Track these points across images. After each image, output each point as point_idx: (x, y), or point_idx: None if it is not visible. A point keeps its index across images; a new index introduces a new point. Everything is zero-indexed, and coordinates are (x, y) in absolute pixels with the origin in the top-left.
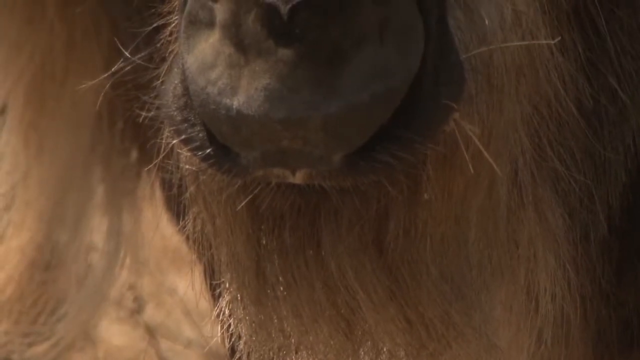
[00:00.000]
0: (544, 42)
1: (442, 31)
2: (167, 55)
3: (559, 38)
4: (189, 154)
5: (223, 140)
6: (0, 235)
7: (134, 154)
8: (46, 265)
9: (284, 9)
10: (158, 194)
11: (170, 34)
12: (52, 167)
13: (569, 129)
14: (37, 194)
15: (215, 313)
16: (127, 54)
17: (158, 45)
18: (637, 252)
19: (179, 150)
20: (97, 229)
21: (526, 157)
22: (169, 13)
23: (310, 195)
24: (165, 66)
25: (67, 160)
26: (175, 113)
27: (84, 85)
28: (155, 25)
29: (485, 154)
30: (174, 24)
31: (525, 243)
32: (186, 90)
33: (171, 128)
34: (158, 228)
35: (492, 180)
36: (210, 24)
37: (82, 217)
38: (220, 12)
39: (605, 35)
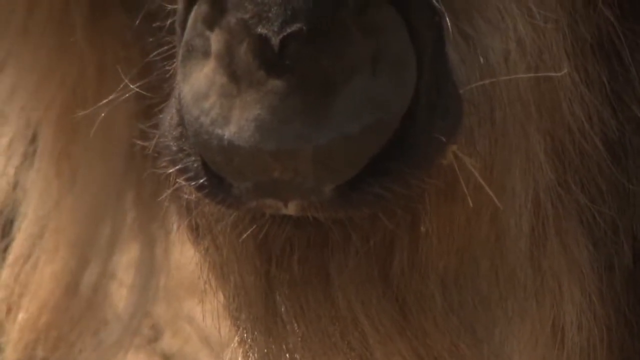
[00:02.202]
0: (549, 74)
1: (439, 64)
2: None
3: (565, 71)
4: (184, 183)
5: (217, 170)
6: (33, 263)
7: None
8: (81, 292)
9: (275, 40)
10: (178, 220)
11: None
12: (84, 194)
13: (593, 162)
14: (69, 221)
15: (236, 341)
16: (127, 81)
17: (167, 75)
18: None
19: (176, 180)
20: (130, 256)
21: (549, 190)
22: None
23: (307, 227)
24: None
25: (99, 187)
26: (171, 143)
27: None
28: (167, 53)
29: (487, 188)
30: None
31: (549, 275)
32: (182, 120)
33: (167, 158)
34: (174, 255)
35: (495, 214)
36: (206, 54)
37: (115, 244)
38: (215, 41)
39: (629, 66)
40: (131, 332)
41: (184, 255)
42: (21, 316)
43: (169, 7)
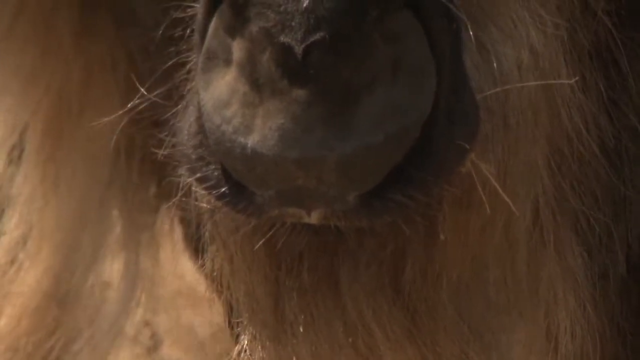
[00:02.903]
0: (561, 81)
1: (457, 71)
2: (184, 93)
3: (576, 78)
4: (204, 192)
5: (238, 178)
6: (16, 267)
7: (152, 189)
8: (62, 298)
9: (298, 49)
10: (177, 230)
11: (189, 72)
12: (69, 200)
13: (590, 168)
14: (53, 227)
15: (236, 351)
16: (143, 91)
17: (176, 82)
18: None
19: (195, 189)
20: (113, 264)
21: (547, 197)
22: (188, 50)
23: (326, 235)
24: (182, 104)
25: (84, 193)
26: (190, 151)
27: (100, 122)
28: (173, 62)
29: (502, 194)
30: (192, 62)
31: (545, 283)
32: (201, 128)
33: (186, 166)
34: (175, 265)
35: (508, 221)
36: (228, 62)
37: (99, 251)
38: (237, 50)
39: (627, 75)
40: (111, 339)
41: (183, 265)
42: (2, 321)
43: (185, 15)
